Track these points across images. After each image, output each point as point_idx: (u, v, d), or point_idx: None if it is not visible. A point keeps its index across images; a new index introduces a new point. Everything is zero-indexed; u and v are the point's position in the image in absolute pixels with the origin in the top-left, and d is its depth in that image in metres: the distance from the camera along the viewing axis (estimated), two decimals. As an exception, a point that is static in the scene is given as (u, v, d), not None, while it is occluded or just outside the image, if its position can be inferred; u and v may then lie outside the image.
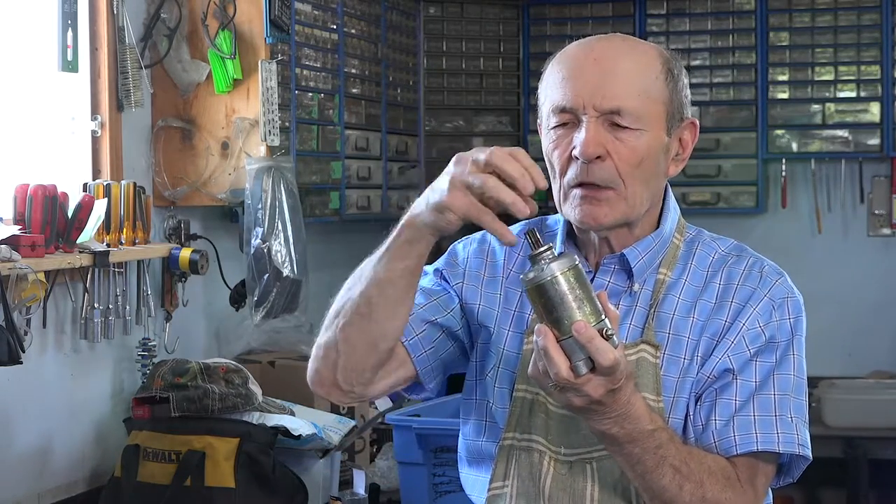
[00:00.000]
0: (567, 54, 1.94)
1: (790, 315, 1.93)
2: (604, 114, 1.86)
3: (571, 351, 1.66)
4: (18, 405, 3.30)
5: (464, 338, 2.05)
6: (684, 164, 1.99)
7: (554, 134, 1.91)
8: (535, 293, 1.68)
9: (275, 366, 4.03)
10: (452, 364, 2.07)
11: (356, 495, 3.69)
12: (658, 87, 1.90)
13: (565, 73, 1.90)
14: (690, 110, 1.98)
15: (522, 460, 1.93)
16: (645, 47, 1.95)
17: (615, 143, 1.87)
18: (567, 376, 1.66)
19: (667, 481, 1.79)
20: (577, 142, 1.87)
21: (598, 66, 1.88)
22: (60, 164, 3.56)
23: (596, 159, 1.86)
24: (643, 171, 1.89)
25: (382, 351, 1.92)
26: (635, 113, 1.87)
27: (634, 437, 1.76)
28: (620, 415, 1.73)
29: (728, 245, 2.00)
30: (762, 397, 1.88)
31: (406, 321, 1.92)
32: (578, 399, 1.69)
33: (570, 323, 1.65)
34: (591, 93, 1.87)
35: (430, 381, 2.04)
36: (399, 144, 5.48)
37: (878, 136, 5.76)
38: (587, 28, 5.92)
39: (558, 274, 1.67)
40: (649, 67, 1.91)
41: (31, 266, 3.03)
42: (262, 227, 3.89)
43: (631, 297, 1.95)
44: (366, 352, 1.90)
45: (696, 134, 1.99)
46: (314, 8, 4.59)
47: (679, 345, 1.91)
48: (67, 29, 3.45)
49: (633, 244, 1.95)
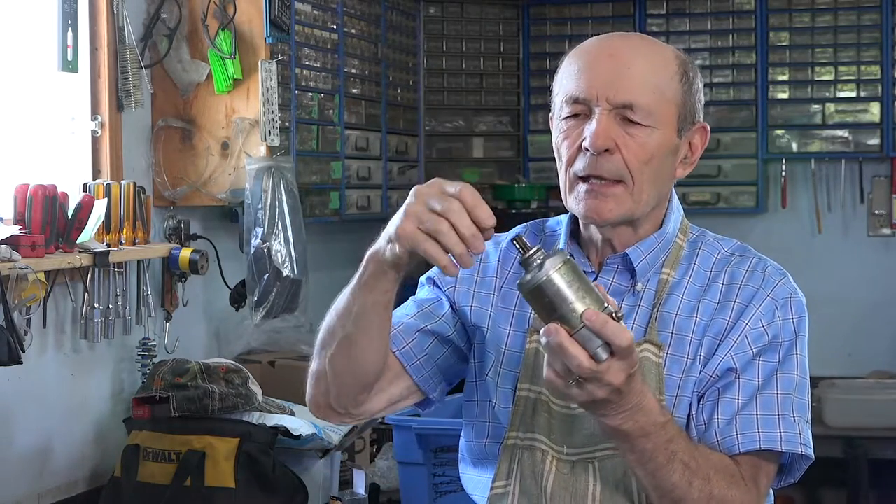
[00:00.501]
0: (584, 48, 1.94)
1: (793, 315, 1.93)
2: (616, 107, 1.87)
3: (585, 341, 1.64)
4: (18, 405, 3.30)
5: (459, 341, 2.05)
6: (692, 167, 1.99)
7: (565, 124, 1.91)
8: (535, 295, 1.68)
9: (275, 366, 4.03)
10: (451, 370, 2.07)
11: (356, 495, 3.69)
12: (672, 88, 1.91)
13: (581, 64, 1.90)
14: (703, 114, 1.98)
15: (525, 460, 1.93)
16: (662, 48, 1.95)
17: (625, 137, 1.87)
18: (590, 365, 1.64)
19: (677, 478, 1.79)
20: (588, 133, 1.87)
21: (613, 60, 1.89)
22: (60, 164, 3.56)
23: (605, 152, 1.87)
24: (651, 169, 1.89)
25: (369, 376, 1.94)
26: (647, 109, 1.87)
27: (647, 431, 1.75)
28: (634, 406, 1.72)
29: (731, 245, 2.00)
30: (765, 396, 1.88)
31: (385, 350, 1.93)
32: (601, 390, 1.67)
33: (579, 314, 1.65)
34: (605, 85, 1.87)
35: (432, 390, 2.05)
36: (399, 144, 5.48)
37: (878, 136, 5.76)
38: (587, 28, 5.92)
39: (553, 271, 1.66)
40: (665, 67, 1.91)
41: (31, 266, 3.03)
42: (262, 227, 3.89)
43: (634, 296, 1.95)
44: (352, 380, 1.93)
45: (707, 138, 1.99)
46: (314, 8, 4.59)
47: (682, 344, 1.91)
48: (67, 29, 3.45)
49: (636, 244, 1.95)
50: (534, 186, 5.72)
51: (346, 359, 1.90)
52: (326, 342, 1.91)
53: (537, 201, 5.66)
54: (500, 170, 5.99)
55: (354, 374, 1.92)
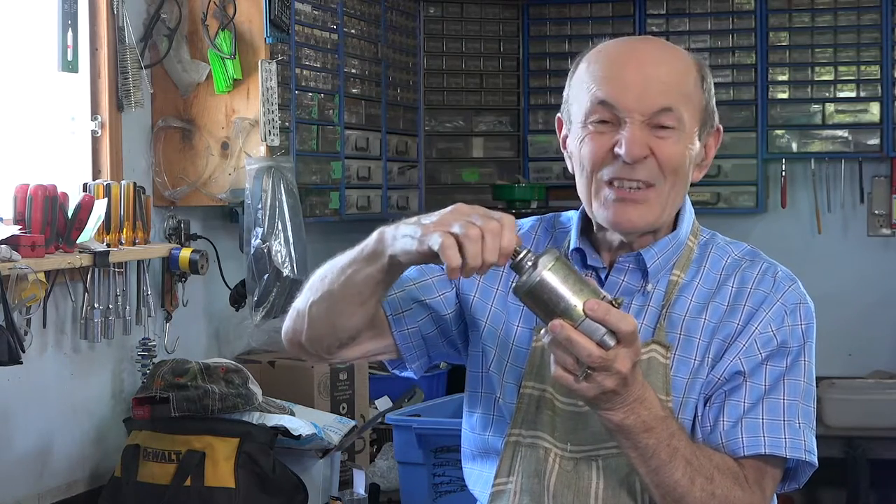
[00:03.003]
0: (607, 53, 1.93)
1: (802, 321, 1.94)
2: (649, 116, 1.87)
3: (591, 332, 1.66)
4: (18, 405, 3.30)
5: (452, 324, 2.05)
6: (706, 170, 2.00)
7: (592, 128, 1.90)
8: (532, 296, 1.69)
9: (275, 366, 4.04)
10: (436, 349, 2.07)
11: (356, 495, 3.69)
12: (697, 93, 1.92)
13: (607, 71, 1.90)
14: (718, 117, 1.99)
15: (527, 457, 1.93)
16: (680, 52, 1.96)
17: (658, 142, 1.88)
18: (600, 353, 1.65)
19: (679, 475, 1.79)
20: (623, 141, 1.87)
21: (643, 68, 1.89)
22: (60, 164, 3.56)
23: (642, 159, 1.87)
24: (678, 175, 1.91)
25: (343, 334, 1.94)
26: (678, 116, 1.88)
27: (650, 426, 1.76)
28: (638, 398, 1.73)
29: (741, 249, 2.01)
30: (771, 401, 1.89)
31: (365, 323, 1.93)
32: (610, 379, 1.68)
33: (580, 307, 1.66)
34: (639, 94, 1.87)
35: (412, 360, 2.05)
36: (399, 144, 5.48)
37: (878, 136, 5.76)
38: (587, 28, 5.92)
39: (547, 271, 1.67)
40: (688, 73, 1.92)
41: (31, 266, 3.03)
42: (262, 227, 3.89)
43: (644, 296, 1.95)
44: (327, 332, 1.93)
45: (720, 140, 2.00)
46: (314, 8, 4.59)
47: (690, 346, 1.92)
48: (67, 29, 3.45)
49: (650, 245, 1.96)
50: (534, 186, 5.72)
51: (326, 312, 1.90)
52: (315, 286, 1.91)
53: (537, 201, 5.66)
54: (500, 170, 5.99)
55: (331, 327, 1.92)
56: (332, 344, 1.96)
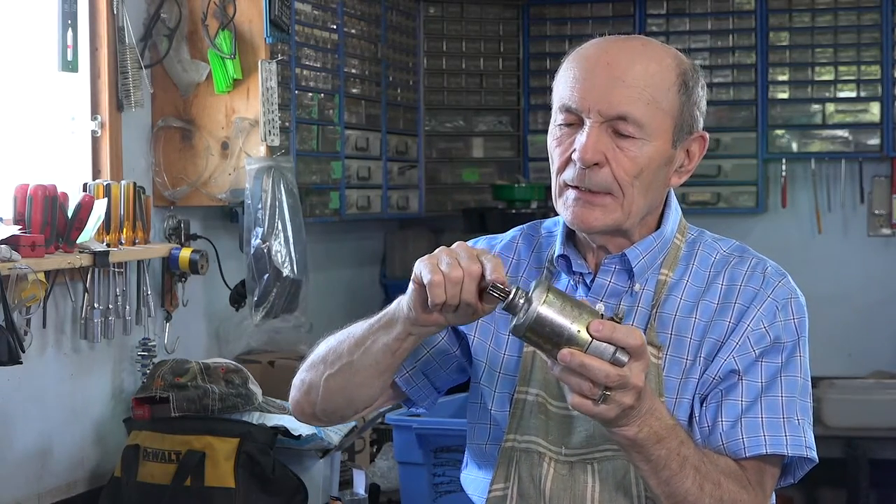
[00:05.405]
0: (581, 54, 1.91)
1: (794, 316, 1.92)
2: (607, 120, 1.85)
3: (601, 353, 1.65)
4: (18, 405, 3.30)
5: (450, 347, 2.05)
6: (688, 175, 1.97)
7: (558, 131, 1.90)
8: (534, 333, 1.68)
9: (275, 366, 4.04)
10: (441, 380, 2.08)
11: (356, 495, 3.69)
12: (669, 99, 1.88)
13: (576, 72, 1.88)
14: (702, 123, 1.95)
15: (523, 462, 1.93)
16: (663, 55, 1.90)
17: (615, 151, 1.85)
18: (616, 372, 1.64)
19: (689, 483, 1.78)
20: (578, 145, 1.86)
21: (608, 71, 1.86)
22: (60, 164, 3.56)
23: (594, 165, 1.85)
24: (642, 182, 1.88)
25: (359, 404, 1.98)
26: (639, 122, 1.85)
27: (662, 436, 1.74)
28: (649, 409, 1.72)
29: (730, 246, 1.99)
30: (769, 399, 1.88)
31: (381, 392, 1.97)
32: (628, 396, 1.67)
33: (585, 331, 1.65)
34: (598, 97, 1.85)
35: (421, 399, 2.08)
36: (399, 144, 5.48)
37: (878, 136, 5.76)
38: (587, 28, 5.92)
39: (542, 304, 1.66)
40: (662, 77, 1.88)
41: (31, 266, 3.03)
42: (262, 227, 3.89)
43: (632, 297, 1.94)
44: (343, 402, 1.97)
45: (705, 147, 1.96)
46: (314, 8, 4.59)
47: (681, 345, 1.91)
48: (67, 29, 3.45)
49: (634, 244, 1.95)
50: (534, 186, 5.72)
51: (344, 383, 1.93)
52: (329, 360, 1.94)
53: (537, 201, 5.66)
54: (500, 170, 5.99)
55: (348, 399, 1.96)
56: (348, 414, 2.00)
